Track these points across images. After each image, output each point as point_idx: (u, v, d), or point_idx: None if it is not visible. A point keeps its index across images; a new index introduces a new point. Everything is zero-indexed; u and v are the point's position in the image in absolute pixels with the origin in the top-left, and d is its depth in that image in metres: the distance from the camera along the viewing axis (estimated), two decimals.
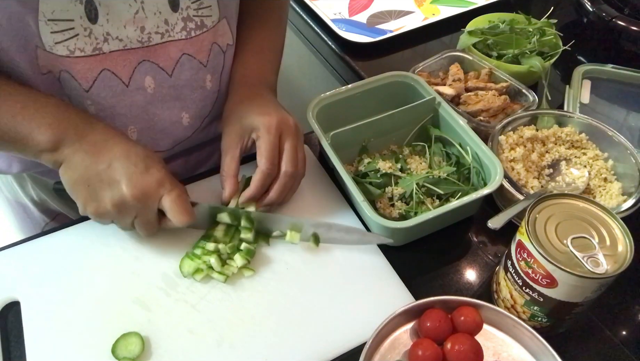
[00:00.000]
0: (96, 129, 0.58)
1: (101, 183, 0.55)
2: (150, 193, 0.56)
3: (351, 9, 1.09)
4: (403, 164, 0.72)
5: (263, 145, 0.63)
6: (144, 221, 0.59)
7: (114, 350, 0.54)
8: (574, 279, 0.49)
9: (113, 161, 0.56)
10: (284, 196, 0.66)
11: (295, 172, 0.64)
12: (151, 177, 0.56)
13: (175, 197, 0.58)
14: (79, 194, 0.57)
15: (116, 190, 0.55)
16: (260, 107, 0.66)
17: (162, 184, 0.57)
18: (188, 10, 0.63)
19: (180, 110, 0.69)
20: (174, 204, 0.57)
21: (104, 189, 0.55)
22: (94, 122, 0.59)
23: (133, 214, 0.57)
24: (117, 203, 0.55)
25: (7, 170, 0.72)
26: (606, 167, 0.71)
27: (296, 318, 0.59)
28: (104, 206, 0.56)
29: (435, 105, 0.75)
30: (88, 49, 0.58)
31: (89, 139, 0.57)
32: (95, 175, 0.55)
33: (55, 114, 0.57)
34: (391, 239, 0.65)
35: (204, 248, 0.62)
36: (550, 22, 0.90)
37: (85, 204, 0.57)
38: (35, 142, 0.56)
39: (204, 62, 0.68)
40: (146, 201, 0.56)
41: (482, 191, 0.64)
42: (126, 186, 0.55)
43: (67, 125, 0.57)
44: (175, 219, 0.58)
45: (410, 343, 0.55)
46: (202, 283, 0.61)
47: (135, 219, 0.58)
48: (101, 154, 0.56)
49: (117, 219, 0.58)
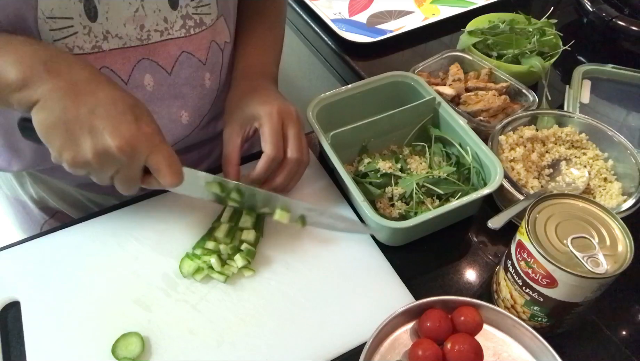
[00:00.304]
0: (74, 66, 0.51)
1: (81, 128, 0.48)
2: (138, 147, 0.50)
3: (351, 9, 1.09)
4: (403, 164, 0.72)
5: (267, 131, 0.63)
6: (126, 176, 0.53)
7: (114, 350, 0.54)
8: (574, 279, 0.49)
9: (97, 107, 0.49)
10: (288, 182, 0.66)
11: (300, 158, 0.64)
12: (140, 130, 0.50)
13: (166, 155, 0.52)
14: (55, 139, 0.49)
15: (99, 139, 0.48)
16: (262, 97, 0.66)
17: (151, 138, 0.51)
18: (187, 8, 0.63)
19: (180, 108, 0.70)
20: (164, 162, 0.52)
21: (85, 135, 0.48)
22: (70, 59, 0.52)
23: (115, 168, 0.51)
24: (99, 153, 0.49)
25: (7, 168, 0.72)
26: (606, 167, 0.71)
27: (296, 318, 0.59)
28: (83, 155, 0.49)
29: (435, 105, 0.75)
30: (87, 47, 0.58)
31: (67, 77, 0.50)
32: (74, 118, 0.48)
33: (20, 48, 0.50)
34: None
35: (204, 247, 0.62)
36: (550, 22, 0.90)
37: (62, 151, 0.50)
38: (4, 79, 0.49)
39: (203, 60, 0.68)
40: (132, 155, 0.50)
41: (482, 191, 0.64)
42: (111, 136, 0.48)
43: (34, 59, 0.49)
44: (164, 180, 0.53)
45: (410, 343, 0.55)
46: (202, 283, 0.61)
47: (116, 173, 0.52)
48: (82, 95, 0.49)
49: (96, 172, 0.52)
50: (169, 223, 0.67)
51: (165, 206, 0.68)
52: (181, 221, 0.67)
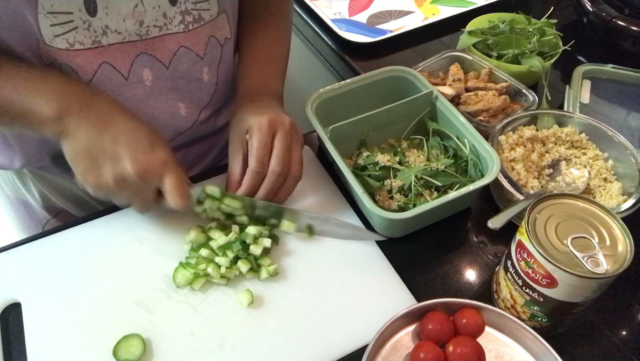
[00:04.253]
0: (101, 101, 0.58)
1: (104, 155, 0.55)
2: (153, 172, 0.56)
3: (351, 9, 1.09)
4: (401, 157, 0.73)
5: (253, 143, 0.62)
6: (142, 199, 0.59)
7: (115, 352, 0.54)
8: (574, 279, 0.49)
9: (119, 135, 0.55)
10: (273, 195, 0.65)
11: (283, 170, 0.63)
12: (155, 157, 0.56)
13: (176, 180, 0.57)
14: (80, 165, 0.56)
15: (119, 165, 0.55)
16: (256, 109, 0.66)
17: (166, 164, 0.57)
18: (186, 4, 0.64)
19: (177, 100, 0.70)
20: (174, 187, 0.57)
21: (107, 162, 0.55)
22: (98, 95, 0.59)
23: (131, 191, 0.57)
24: (119, 178, 0.55)
25: (9, 165, 0.72)
26: (606, 167, 0.72)
27: (297, 320, 0.59)
28: (104, 180, 0.55)
29: (432, 99, 0.76)
30: (87, 42, 0.59)
31: (95, 111, 0.56)
32: (99, 147, 0.55)
33: (59, 85, 0.57)
34: (385, 234, 0.65)
35: (198, 256, 0.61)
36: (550, 22, 0.90)
37: (86, 175, 0.56)
38: (39, 114, 0.55)
39: (201, 55, 0.69)
40: (148, 179, 0.56)
41: (479, 182, 0.64)
42: (130, 163, 0.54)
43: (70, 96, 0.56)
44: (173, 202, 0.58)
45: (412, 346, 0.55)
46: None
47: (133, 196, 0.58)
48: (106, 127, 0.56)
49: (115, 194, 0.58)
50: (170, 224, 0.67)
51: None
52: (182, 222, 0.66)
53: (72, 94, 0.56)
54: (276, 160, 0.62)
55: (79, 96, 0.57)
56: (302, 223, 0.65)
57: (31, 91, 0.56)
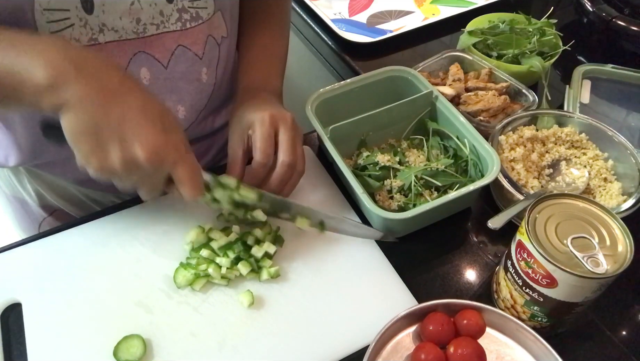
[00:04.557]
0: (104, 69, 0.50)
1: (111, 136, 0.48)
2: (165, 159, 0.50)
3: (351, 9, 1.09)
4: (401, 157, 0.73)
5: (257, 137, 0.62)
6: (150, 185, 0.54)
7: (116, 353, 0.54)
8: (574, 279, 0.50)
9: (127, 112, 0.49)
10: (282, 187, 0.65)
11: (292, 162, 0.63)
12: (169, 141, 0.51)
13: (190, 169, 0.53)
14: (83, 146, 0.49)
15: (128, 149, 0.49)
16: (257, 105, 0.66)
17: (179, 149, 0.52)
18: (183, 2, 0.64)
19: (176, 103, 0.70)
20: (188, 177, 0.53)
21: (114, 144, 0.49)
22: (99, 60, 0.51)
23: (140, 177, 0.52)
24: (127, 163, 0.49)
25: (4, 163, 0.72)
26: (606, 167, 0.72)
27: (298, 320, 0.59)
28: (110, 163, 0.49)
29: (432, 99, 0.76)
30: (84, 40, 0.58)
31: (97, 82, 0.49)
32: (106, 127, 0.48)
33: (52, 47, 0.49)
34: (394, 233, 0.66)
35: (198, 257, 0.62)
36: (550, 22, 0.90)
37: (89, 157, 0.49)
38: (31, 82, 0.47)
39: (200, 55, 0.68)
40: (159, 165, 0.50)
41: (479, 182, 0.64)
42: (141, 147, 0.49)
43: (64, 60, 0.48)
44: (184, 192, 0.54)
45: (412, 347, 0.55)
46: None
47: (140, 181, 0.53)
48: (114, 100, 0.49)
49: (121, 179, 0.52)
50: (171, 224, 0.67)
51: (167, 207, 0.68)
52: (183, 222, 0.67)
53: (69, 57, 0.48)
54: (285, 152, 0.62)
55: (77, 60, 0.48)
56: (316, 219, 0.65)
57: (20, 56, 0.48)
